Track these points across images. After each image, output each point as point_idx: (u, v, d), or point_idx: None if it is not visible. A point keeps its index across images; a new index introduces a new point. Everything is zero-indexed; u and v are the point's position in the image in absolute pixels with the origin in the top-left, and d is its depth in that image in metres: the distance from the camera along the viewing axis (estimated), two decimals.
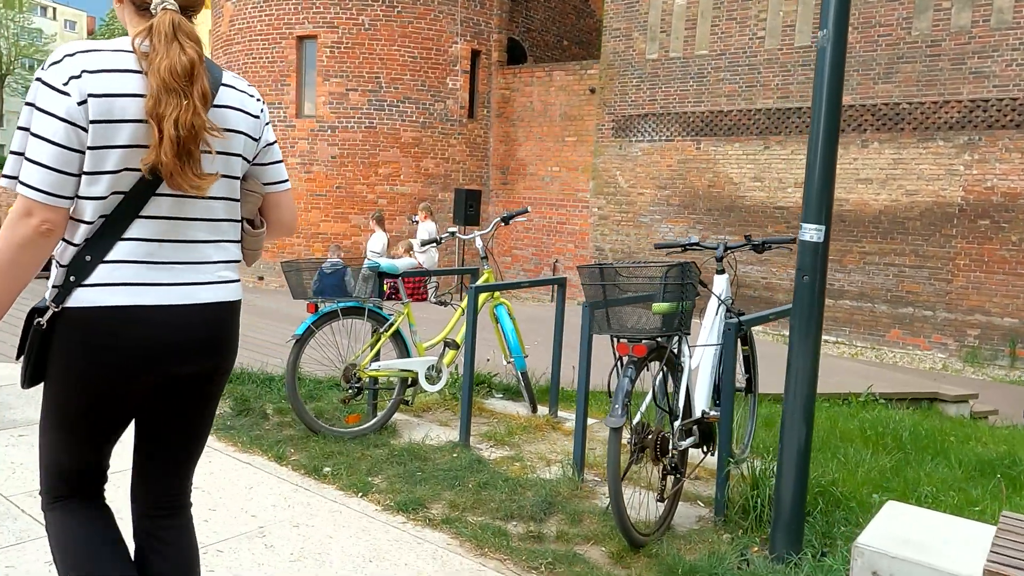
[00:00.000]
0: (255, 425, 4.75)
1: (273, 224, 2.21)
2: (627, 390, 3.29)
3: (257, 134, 2.05)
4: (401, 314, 4.95)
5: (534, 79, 17.55)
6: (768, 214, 14.57)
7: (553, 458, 4.54)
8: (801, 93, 14.17)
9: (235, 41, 18.08)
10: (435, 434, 4.85)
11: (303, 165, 17.34)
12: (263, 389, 5.52)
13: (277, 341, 7.32)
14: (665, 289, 3.44)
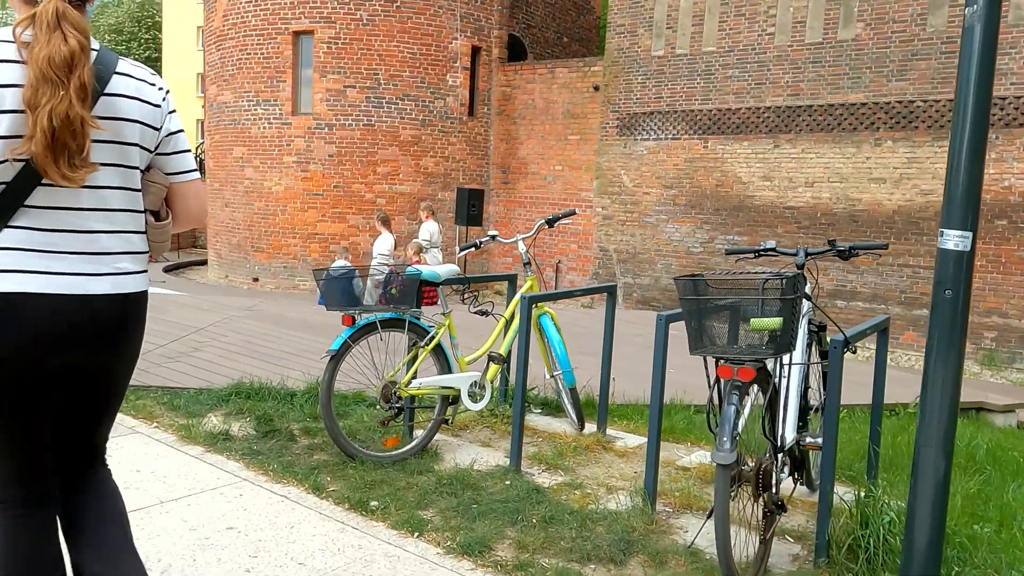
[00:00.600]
0: (283, 449, 4.29)
1: (179, 215, 2.18)
2: (733, 420, 2.86)
3: (158, 123, 2.03)
4: (442, 326, 4.50)
5: (536, 76, 17.11)
6: (778, 214, 14.20)
7: (614, 484, 4.11)
8: (812, 91, 13.81)
9: (228, 37, 17.54)
10: (480, 457, 4.41)
11: (299, 164, 16.84)
12: (285, 406, 5.05)
13: (291, 351, 6.85)
14: (770, 303, 3.01)
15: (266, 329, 7.76)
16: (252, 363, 6.23)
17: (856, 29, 13.38)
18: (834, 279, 13.67)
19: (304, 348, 6.97)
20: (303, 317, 8.70)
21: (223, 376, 5.73)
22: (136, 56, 40.56)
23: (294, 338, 7.41)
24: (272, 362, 6.33)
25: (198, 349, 6.61)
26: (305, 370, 5.99)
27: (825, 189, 13.76)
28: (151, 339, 6.72)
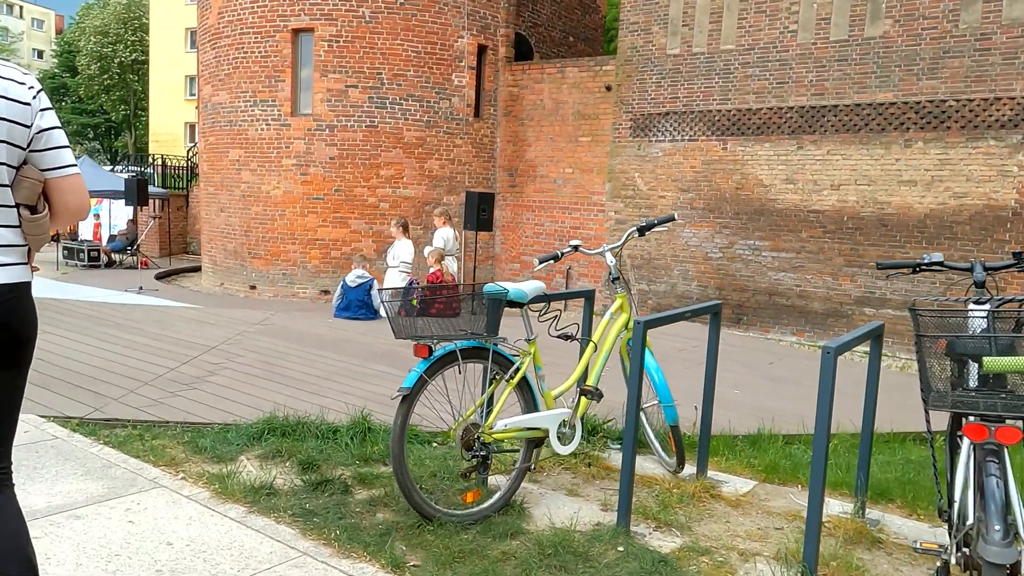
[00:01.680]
0: (341, 507, 3.50)
1: (57, 210, 2.21)
2: (1002, 499, 2.11)
3: (28, 121, 2.07)
4: (527, 354, 3.72)
5: (545, 76, 16.37)
6: (802, 218, 13.52)
7: (745, 547, 3.35)
8: (837, 90, 13.15)
9: (224, 35, 16.68)
10: (573, 511, 3.64)
11: (299, 167, 16.00)
12: (328, 445, 4.26)
13: (318, 373, 6.04)
14: None
15: (285, 347, 6.95)
16: (278, 390, 5.44)
17: (884, 26, 12.73)
18: (861, 285, 13.00)
19: (332, 369, 6.18)
20: (321, 332, 7.90)
21: (248, 407, 4.93)
22: (123, 59, 39.54)
23: (318, 358, 6.61)
24: (300, 388, 5.53)
25: (214, 373, 5.80)
26: (341, 398, 5.22)
27: (852, 192, 13.09)
28: (161, 361, 5.91)
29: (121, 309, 8.45)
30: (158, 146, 36.42)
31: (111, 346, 6.52)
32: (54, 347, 6.33)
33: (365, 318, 8.64)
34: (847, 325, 13.20)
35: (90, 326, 7.36)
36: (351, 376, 6.01)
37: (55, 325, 7.28)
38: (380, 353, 7.02)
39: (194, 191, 23.25)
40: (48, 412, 4.54)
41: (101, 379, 5.39)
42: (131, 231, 20.41)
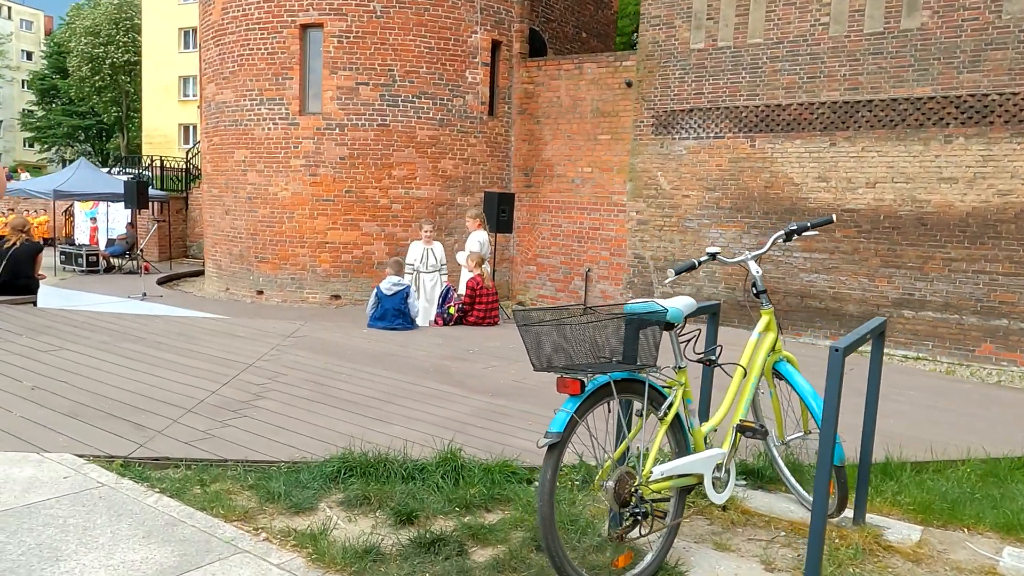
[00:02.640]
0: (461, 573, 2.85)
1: None
2: None
3: None
4: (679, 386, 3.08)
5: (562, 72, 15.74)
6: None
7: None
8: (872, 84, 12.58)
9: (229, 31, 15.96)
10: (734, 572, 3.01)
11: (308, 167, 15.31)
12: (419, 488, 3.61)
13: (376, 395, 5.38)
14: None
15: (328, 363, 6.28)
16: (336, 415, 4.78)
17: (922, 17, 12.18)
18: (899, 286, 12.45)
19: (387, 389, 5.52)
20: (360, 345, 7.23)
21: (311, 438, 4.27)
22: (114, 60, 38.58)
23: (368, 376, 5.95)
24: (360, 412, 4.87)
25: (260, 396, 5.13)
26: (411, 425, 4.58)
27: (888, 190, 12.53)
28: (198, 383, 5.24)
29: (139, 321, 7.75)
30: (151, 148, 35.53)
31: (139, 364, 5.83)
32: (78, 367, 5.64)
33: (402, 328, 7.98)
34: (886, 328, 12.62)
35: (110, 341, 6.67)
36: (411, 397, 5.36)
37: (73, 340, 6.58)
38: (430, 368, 6.36)
39: (193, 193, 22.49)
40: (87, 450, 3.87)
41: (137, 406, 4.71)
42: (130, 235, 19.64)
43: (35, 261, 8.98)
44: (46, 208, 24.95)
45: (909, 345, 12.43)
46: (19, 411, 4.48)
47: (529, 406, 5.29)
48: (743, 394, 3.41)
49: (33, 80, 53.09)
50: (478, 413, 5.05)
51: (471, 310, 8.82)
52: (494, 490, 3.64)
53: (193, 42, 35.69)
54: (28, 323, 7.29)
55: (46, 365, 5.67)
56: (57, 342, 6.51)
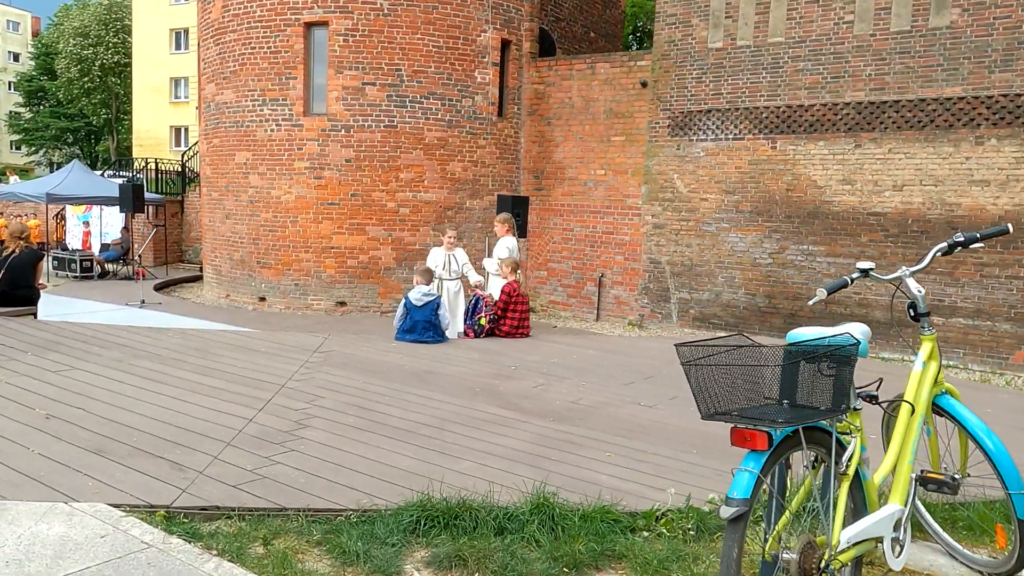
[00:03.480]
0: None
1: None
2: None
3: None
4: (858, 431, 2.55)
5: (574, 72, 15.22)
6: (861, 221, 12.50)
7: None
8: (899, 84, 12.14)
9: (229, 29, 15.35)
10: None
11: (312, 170, 14.71)
12: (515, 543, 3.07)
13: (429, 421, 4.82)
14: None
15: (366, 383, 5.72)
16: (393, 447, 4.23)
17: (951, 15, 11.74)
18: (929, 292, 11.98)
19: (440, 414, 4.97)
20: (396, 361, 6.67)
21: (375, 478, 3.72)
22: (104, 61, 37.73)
23: (414, 398, 5.39)
24: (420, 444, 4.32)
25: (303, 424, 4.57)
26: (481, 460, 4.04)
27: (917, 193, 12.09)
28: (231, 408, 4.68)
29: (151, 335, 7.16)
30: (142, 150, 34.77)
31: (160, 387, 5.26)
32: (94, 391, 5.06)
33: (433, 341, 7.43)
34: (912, 335, 12.15)
35: (124, 359, 6.08)
36: (467, 423, 4.81)
37: (83, 358, 5.99)
38: (477, 388, 5.82)
39: (189, 196, 21.81)
40: (122, 498, 3.30)
41: (169, 439, 4.15)
42: (125, 240, 18.96)
43: (35, 269, 8.37)
44: (36, 212, 24.20)
45: None
46: (36, 446, 3.90)
47: (597, 432, 4.76)
48: (909, 435, 2.88)
49: (20, 82, 52.02)
50: (545, 442, 4.51)
51: (503, 319, 8.28)
52: (602, 544, 3.10)
53: (185, 43, 34.96)
54: (32, 338, 6.70)
55: (58, 388, 5.09)
56: (66, 360, 5.92)
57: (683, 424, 5.08)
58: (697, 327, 13.92)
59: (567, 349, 7.82)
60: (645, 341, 9.29)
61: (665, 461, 4.28)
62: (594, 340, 8.95)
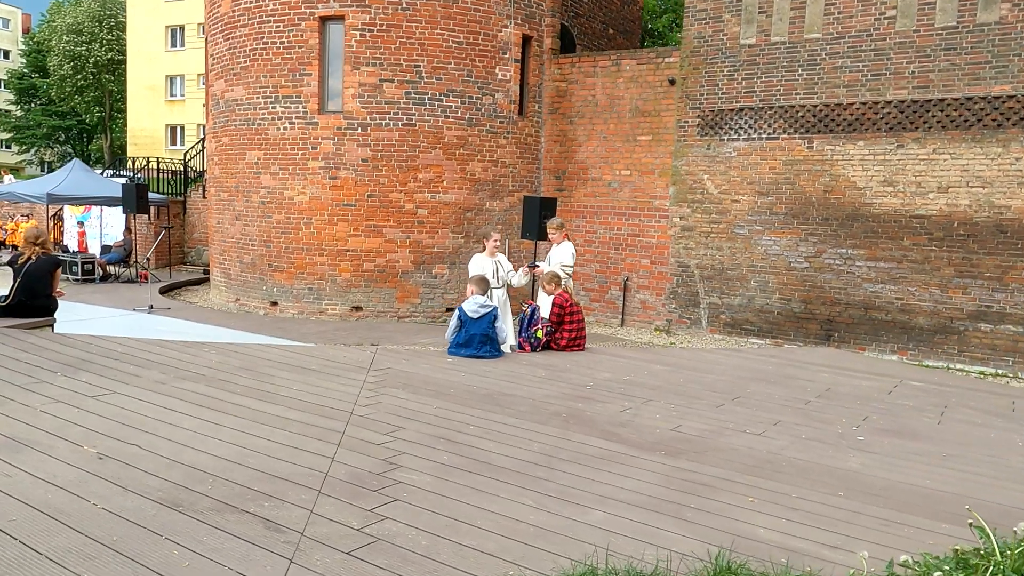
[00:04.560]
0: None
1: None
2: None
3: None
4: None
5: (597, 69, 14.63)
6: (903, 224, 11.99)
7: None
8: (944, 82, 11.64)
9: (240, 24, 14.66)
10: None
11: (327, 169, 14.06)
12: None
13: (531, 458, 4.19)
14: None
15: (441, 409, 5.10)
16: (509, 494, 3.62)
17: (1000, 10, 11.24)
18: (976, 298, 11.50)
19: (543, 450, 4.35)
20: (462, 381, 6.04)
21: (505, 538, 3.11)
22: (98, 58, 36.78)
23: (501, 427, 4.77)
24: (533, 487, 3.70)
25: (393, 464, 3.95)
26: (611, 508, 3.43)
27: (963, 195, 11.59)
28: (305, 443, 4.06)
29: (187, 351, 6.51)
30: (136, 149, 33.90)
31: (218, 416, 4.63)
32: (143, 421, 4.43)
33: (490, 356, 6.82)
34: (958, 342, 11.71)
35: (166, 380, 5.44)
36: (575, 460, 4.21)
37: (120, 380, 5.35)
38: (564, 414, 5.21)
39: (192, 197, 21.08)
40: (223, 571, 2.68)
41: (251, 485, 3.53)
42: (127, 241, 18.21)
43: (53, 277, 7.70)
44: (31, 212, 23.41)
45: (987, 360, 11.49)
46: (99, 499, 3.27)
47: (721, 470, 4.18)
48: None
49: (11, 79, 50.83)
50: (671, 483, 3.92)
51: (559, 332, 7.67)
52: None
53: (181, 40, 34.12)
54: (57, 355, 6.04)
55: (102, 419, 4.45)
56: (102, 383, 5.28)
57: (808, 457, 4.51)
58: (728, 333, 13.39)
59: (632, 364, 7.24)
60: (708, 354, 8.72)
61: (815, 507, 3.70)
62: (653, 353, 8.37)
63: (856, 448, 4.79)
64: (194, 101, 34.33)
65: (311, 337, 12.12)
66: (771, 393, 6.27)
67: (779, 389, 6.46)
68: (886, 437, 5.12)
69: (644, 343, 12.06)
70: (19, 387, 5.07)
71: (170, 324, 12.39)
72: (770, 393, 6.26)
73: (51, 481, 3.47)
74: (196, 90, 34.43)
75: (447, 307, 14.53)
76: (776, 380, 6.87)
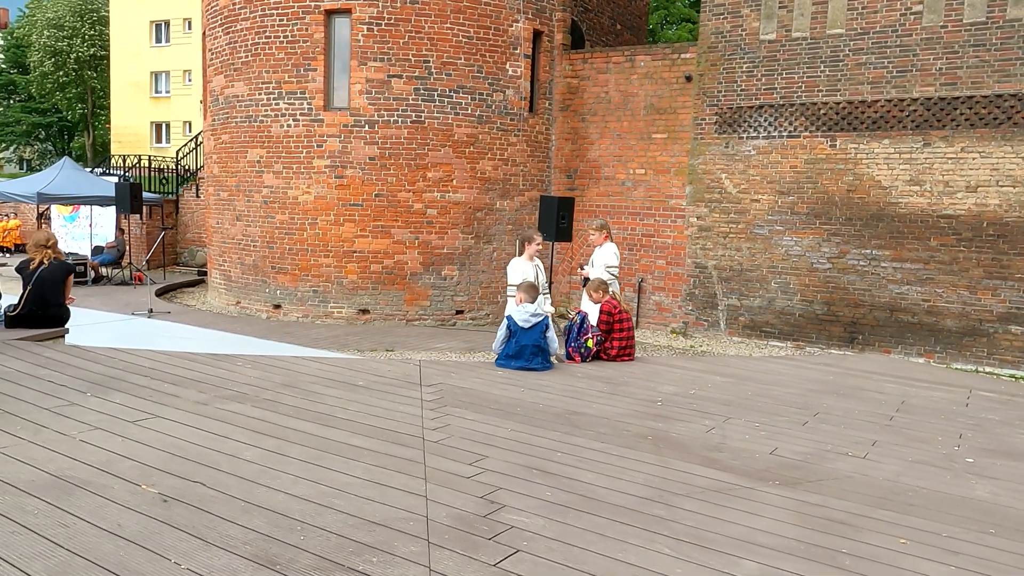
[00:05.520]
0: None
1: None
2: None
3: None
4: None
5: (610, 65, 14.19)
6: (931, 224, 11.67)
7: None
8: (973, 79, 11.32)
9: (241, 17, 14.07)
10: None
11: (333, 168, 13.52)
12: None
13: (647, 495, 3.73)
14: None
15: (518, 432, 4.63)
16: (639, 539, 3.17)
17: None
18: (1006, 299, 11.21)
19: (647, 482, 3.90)
20: (525, 398, 5.57)
21: None
22: (79, 54, 35.81)
23: (595, 454, 4.31)
24: (660, 530, 3.26)
25: (496, 503, 3.48)
26: (758, 555, 3.00)
27: (993, 194, 11.29)
28: (391, 479, 3.58)
29: (220, 366, 6.00)
30: (121, 147, 33.01)
31: (280, 444, 4.14)
32: (199, 452, 3.93)
33: (541, 368, 6.37)
34: (987, 345, 11.41)
35: (208, 401, 4.94)
36: (693, 495, 3.76)
37: (158, 400, 4.84)
38: (649, 436, 4.76)
39: (184, 196, 20.40)
40: None
41: (347, 534, 3.05)
42: (120, 242, 17.54)
43: (65, 284, 7.14)
44: (16, 211, 22.63)
45: (1017, 363, 11.20)
46: (176, 554, 2.78)
47: (849, 503, 3.76)
48: None
49: None
50: (807, 522, 3.49)
51: (609, 341, 7.23)
52: None
53: (166, 36, 33.26)
54: (81, 372, 5.51)
55: (151, 449, 3.95)
56: (138, 404, 4.77)
57: (930, 485, 4.10)
58: (748, 336, 13.02)
59: (689, 375, 6.81)
60: (760, 363, 8.33)
61: (976, 549, 3.29)
62: (706, 363, 7.98)
63: (973, 473, 4.39)
64: (180, 98, 33.51)
65: (323, 343, 11.59)
66: (848, 407, 5.87)
67: (853, 403, 6.06)
68: (995, 458, 4.73)
69: (680, 349, 11.66)
70: (49, 411, 4.55)
71: (174, 329, 11.81)
72: (847, 407, 5.87)
73: (118, 533, 2.98)
74: (182, 87, 33.61)
75: (456, 310, 14.07)
76: (844, 392, 6.48)
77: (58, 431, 4.20)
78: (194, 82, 33.48)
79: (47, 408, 4.61)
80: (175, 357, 6.21)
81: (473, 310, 14.22)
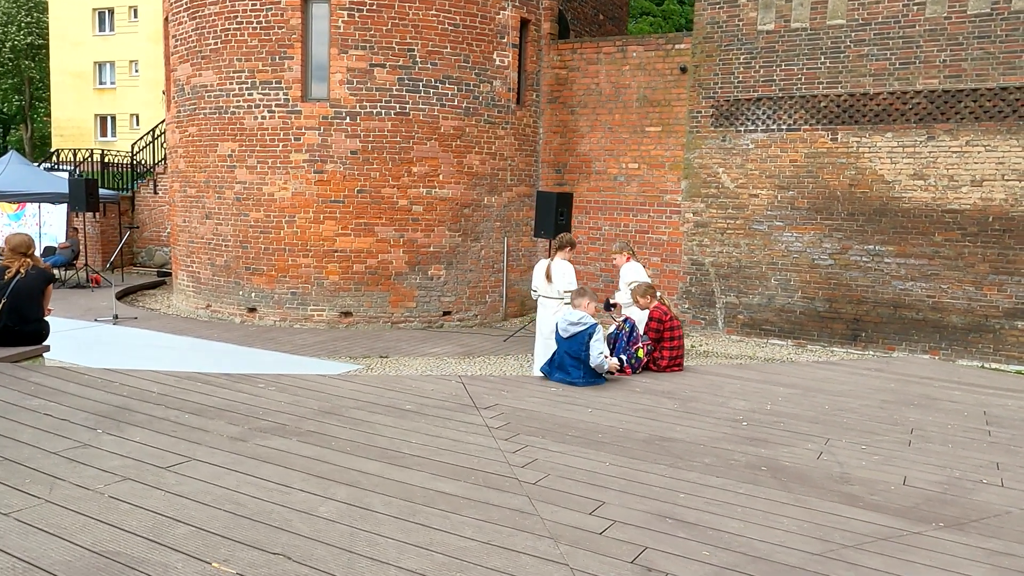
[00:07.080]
0: None
1: None
2: None
3: None
4: None
5: (601, 56, 13.60)
6: (935, 219, 11.37)
7: None
8: (978, 71, 11.03)
9: (209, 1, 13.09)
10: None
11: (312, 163, 12.67)
12: None
13: (810, 548, 3.13)
14: None
15: (621, 467, 3.97)
16: None
17: None
18: (1012, 295, 10.97)
19: (796, 526, 3.29)
20: (599, 422, 4.91)
21: None
22: (15, 43, 33.76)
23: (716, 491, 3.68)
24: None
25: (656, 571, 2.84)
26: None
27: (999, 188, 11.03)
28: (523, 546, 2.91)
29: (240, 389, 5.20)
30: (63, 140, 31.22)
31: (350, 492, 3.42)
32: (262, 510, 3.18)
33: (584, 383, 5.72)
34: (994, 341, 11.16)
35: (244, 436, 4.17)
36: (859, 544, 3.17)
37: (185, 437, 4.06)
38: (763, 467, 4.17)
39: (141, 192, 19.17)
40: None
41: None
42: (74, 243, 16.32)
43: (44, 295, 6.24)
44: None
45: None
46: None
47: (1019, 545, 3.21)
48: None
49: None
50: None
51: (659, 350, 6.61)
52: None
53: (110, 24, 31.51)
54: (80, 401, 4.69)
55: (202, 506, 3.20)
56: (164, 443, 3.98)
57: None
58: (747, 334, 12.60)
59: (750, 387, 6.23)
60: (806, 369, 7.80)
61: None
62: (755, 371, 7.45)
63: None
64: (126, 89, 31.83)
65: (310, 349, 10.79)
66: (936, 421, 5.38)
67: (936, 415, 5.57)
68: None
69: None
70: (59, 456, 3.75)
71: (148, 337, 10.87)
72: (935, 421, 5.37)
73: None
74: (128, 77, 31.93)
75: (444, 311, 13.36)
76: (918, 403, 6.00)
77: (78, 484, 3.41)
78: (141, 73, 31.84)
79: (55, 452, 3.80)
80: (185, 380, 5.38)
81: (461, 311, 13.52)
